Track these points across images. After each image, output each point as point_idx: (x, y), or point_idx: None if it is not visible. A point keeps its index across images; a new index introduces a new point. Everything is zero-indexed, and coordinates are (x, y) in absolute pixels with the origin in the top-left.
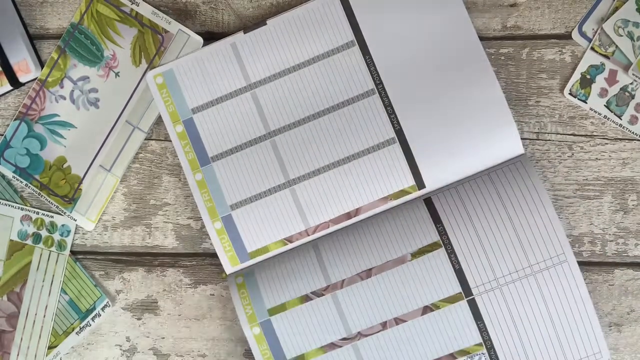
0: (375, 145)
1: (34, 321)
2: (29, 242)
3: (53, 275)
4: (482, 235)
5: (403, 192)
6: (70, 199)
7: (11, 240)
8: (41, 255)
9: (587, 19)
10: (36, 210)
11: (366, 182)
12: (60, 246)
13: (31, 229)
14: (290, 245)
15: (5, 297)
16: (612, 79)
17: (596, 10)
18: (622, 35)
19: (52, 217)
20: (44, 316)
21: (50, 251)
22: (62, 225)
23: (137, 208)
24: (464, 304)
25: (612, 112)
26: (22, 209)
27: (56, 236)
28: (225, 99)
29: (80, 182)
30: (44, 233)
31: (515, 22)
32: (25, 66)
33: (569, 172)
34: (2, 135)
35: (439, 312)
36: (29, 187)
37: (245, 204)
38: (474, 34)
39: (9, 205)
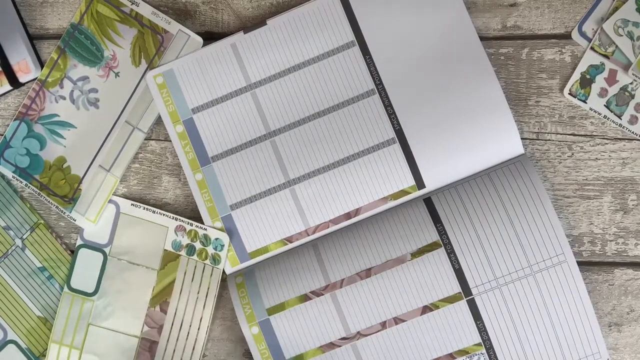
0: (375, 145)
1: (188, 333)
2: (183, 253)
3: (208, 289)
4: (481, 235)
5: (403, 192)
6: (69, 199)
7: (165, 250)
8: (195, 267)
9: (587, 18)
10: (190, 222)
11: (366, 182)
12: (215, 260)
13: (185, 240)
14: (290, 245)
15: (158, 308)
16: (612, 79)
17: (596, 10)
18: (622, 35)
19: (205, 229)
20: (198, 328)
21: (205, 264)
22: (216, 239)
23: None
24: (463, 303)
25: (612, 112)
26: (176, 219)
27: (210, 249)
28: (225, 99)
29: (80, 182)
30: (197, 245)
31: (515, 22)
32: (25, 66)
33: (569, 172)
34: (2, 135)
35: (439, 312)
36: (29, 187)
37: (245, 204)
38: (474, 34)
39: (164, 215)
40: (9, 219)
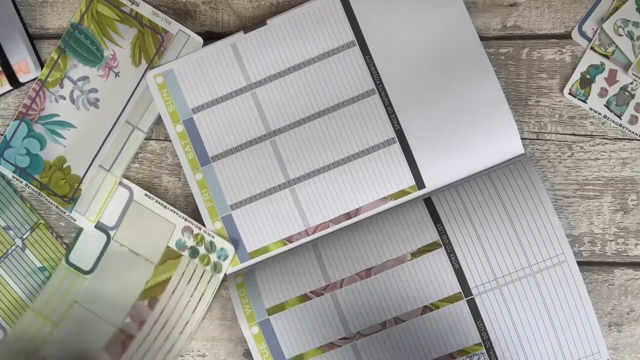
0: (375, 145)
1: (169, 335)
2: (186, 254)
3: (202, 294)
4: (481, 235)
5: (403, 192)
6: (70, 199)
7: (168, 247)
8: (195, 270)
9: (587, 18)
10: (199, 225)
11: (366, 182)
12: (216, 268)
13: (190, 242)
14: (290, 245)
15: (146, 302)
16: (612, 79)
17: (596, 10)
18: (622, 35)
19: (212, 237)
20: (181, 332)
21: (205, 269)
22: (221, 249)
23: None
24: (463, 303)
25: (612, 111)
26: (186, 219)
27: (213, 257)
28: (226, 99)
29: (80, 182)
30: (201, 250)
31: (515, 21)
32: (25, 66)
33: (569, 172)
34: (2, 135)
35: (439, 312)
36: (29, 187)
37: (245, 204)
38: (474, 34)
39: (175, 213)
40: (9, 218)
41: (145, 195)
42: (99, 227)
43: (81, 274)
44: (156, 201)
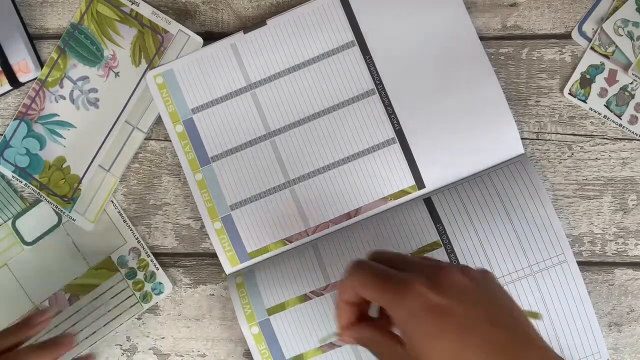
0: (375, 145)
1: (74, 336)
2: (123, 271)
3: (118, 315)
4: (481, 235)
5: (403, 192)
6: (69, 198)
7: (109, 258)
8: (123, 290)
9: (587, 18)
10: (150, 254)
11: (366, 182)
12: (145, 297)
13: (132, 263)
14: (290, 245)
15: (68, 295)
16: (612, 79)
17: (596, 10)
18: (622, 35)
19: (157, 269)
20: (86, 339)
21: (134, 294)
22: (159, 283)
23: (137, 208)
24: None
25: (612, 111)
26: (139, 242)
27: (148, 287)
28: (225, 99)
29: (80, 182)
30: (140, 275)
31: (515, 21)
32: (25, 66)
33: (569, 172)
34: (2, 135)
35: None
36: (29, 186)
37: (245, 204)
38: (474, 34)
39: (131, 231)
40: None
41: (111, 201)
42: (57, 209)
43: (20, 242)
44: (119, 212)
